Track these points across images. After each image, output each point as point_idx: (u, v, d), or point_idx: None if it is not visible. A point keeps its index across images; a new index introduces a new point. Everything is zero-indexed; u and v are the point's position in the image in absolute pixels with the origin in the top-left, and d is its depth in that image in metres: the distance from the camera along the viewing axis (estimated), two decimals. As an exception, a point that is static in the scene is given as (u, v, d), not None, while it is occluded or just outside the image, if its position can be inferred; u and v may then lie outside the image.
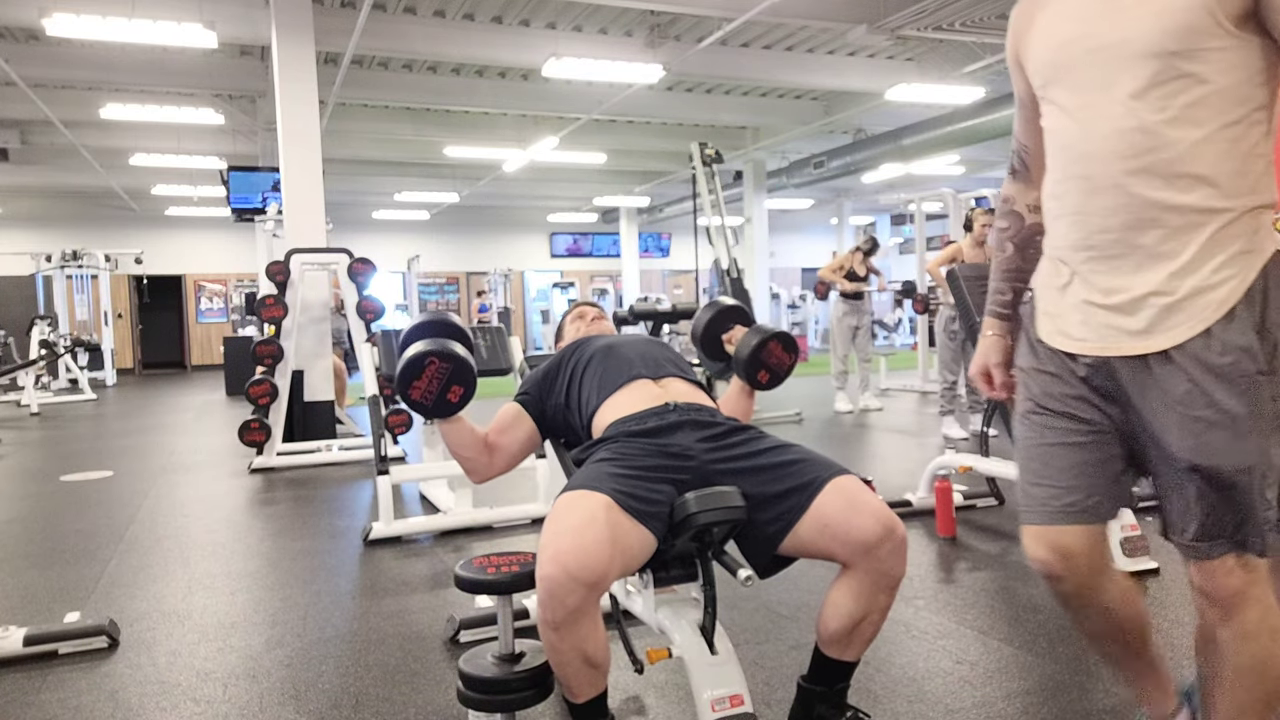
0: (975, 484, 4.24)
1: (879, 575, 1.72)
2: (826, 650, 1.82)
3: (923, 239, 10.23)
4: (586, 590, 1.56)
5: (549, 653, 1.65)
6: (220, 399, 11.36)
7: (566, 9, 8.34)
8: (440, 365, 1.89)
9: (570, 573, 1.54)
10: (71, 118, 10.39)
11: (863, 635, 1.78)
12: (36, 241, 15.63)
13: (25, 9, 6.87)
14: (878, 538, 1.70)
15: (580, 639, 1.60)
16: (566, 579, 1.54)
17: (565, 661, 1.64)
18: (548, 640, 1.62)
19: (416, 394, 1.89)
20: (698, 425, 1.91)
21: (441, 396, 1.91)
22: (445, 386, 1.90)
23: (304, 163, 6.70)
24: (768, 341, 2.24)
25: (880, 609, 1.76)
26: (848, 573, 1.75)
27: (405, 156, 13.83)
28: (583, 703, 1.70)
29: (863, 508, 1.73)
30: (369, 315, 5.91)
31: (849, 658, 1.81)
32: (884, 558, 1.71)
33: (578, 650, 1.62)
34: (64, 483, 5.57)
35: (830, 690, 1.84)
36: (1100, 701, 2.14)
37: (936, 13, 7.61)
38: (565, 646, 1.61)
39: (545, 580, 1.56)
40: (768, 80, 10.51)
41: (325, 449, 6.22)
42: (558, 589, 1.55)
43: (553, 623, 1.58)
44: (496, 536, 3.99)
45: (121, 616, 2.94)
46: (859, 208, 20.29)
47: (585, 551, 1.56)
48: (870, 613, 1.75)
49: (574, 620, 1.58)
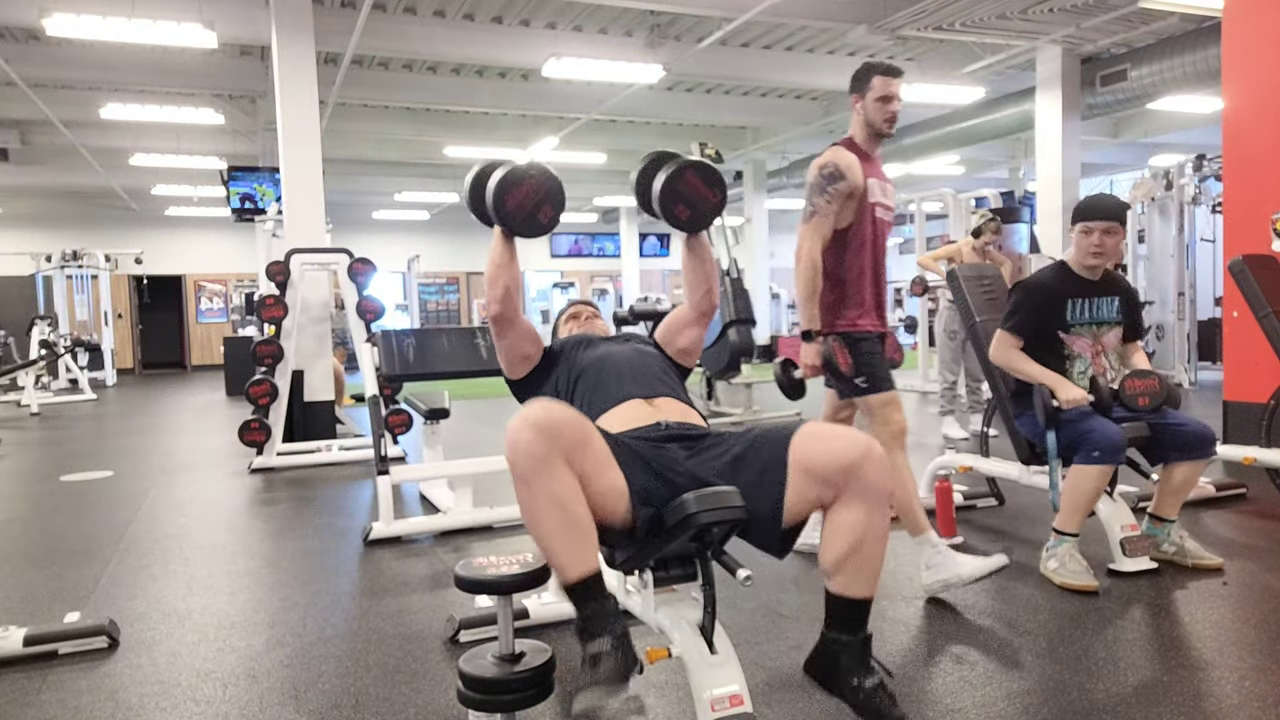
0: (975, 484, 4.24)
1: (866, 493, 1.76)
2: (834, 587, 1.83)
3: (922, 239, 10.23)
4: (550, 440, 1.61)
5: (528, 519, 1.66)
6: (220, 399, 11.36)
7: (566, 9, 8.34)
8: (539, 182, 1.99)
9: (535, 425, 1.61)
10: (71, 118, 10.39)
11: (866, 562, 1.79)
12: (36, 241, 15.63)
13: (25, 9, 6.86)
14: (857, 455, 1.75)
15: (552, 484, 1.62)
16: (531, 431, 1.61)
17: (543, 518, 1.63)
18: (522, 501, 1.65)
19: (511, 204, 1.98)
20: (686, 440, 1.95)
21: (533, 214, 2.01)
22: (538, 204, 2.00)
23: (304, 163, 6.69)
24: (684, 170, 2.08)
25: (876, 529, 1.78)
26: (838, 502, 1.79)
27: (405, 156, 13.83)
28: (575, 580, 1.65)
29: (834, 438, 1.80)
30: (369, 315, 5.91)
31: (858, 592, 1.82)
32: (867, 474, 1.75)
33: (552, 499, 1.62)
34: (64, 483, 5.57)
35: (855, 640, 1.84)
36: (1100, 701, 2.14)
37: (936, 13, 7.60)
38: (540, 497, 1.62)
39: (512, 435, 1.62)
40: (768, 80, 10.51)
41: (325, 449, 6.22)
42: (522, 441, 1.61)
43: (523, 476, 1.62)
44: (496, 537, 3.99)
45: (121, 616, 2.94)
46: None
47: (551, 415, 1.64)
48: (867, 533, 1.77)
49: (543, 467, 1.61)
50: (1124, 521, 3.12)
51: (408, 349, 4.15)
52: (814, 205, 2.93)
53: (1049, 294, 3.20)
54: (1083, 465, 2.97)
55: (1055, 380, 3.08)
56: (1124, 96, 8.89)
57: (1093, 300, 3.21)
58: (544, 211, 2.01)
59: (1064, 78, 9.06)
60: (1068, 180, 9.32)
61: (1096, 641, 2.51)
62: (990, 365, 3.45)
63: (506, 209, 1.99)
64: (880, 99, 2.96)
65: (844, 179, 2.91)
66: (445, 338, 4.30)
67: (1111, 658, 2.39)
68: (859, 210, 2.96)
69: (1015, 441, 3.51)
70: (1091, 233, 3.13)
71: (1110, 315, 3.24)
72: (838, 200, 2.92)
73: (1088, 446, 2.95)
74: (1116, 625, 2.64)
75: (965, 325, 3.88)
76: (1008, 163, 15.38)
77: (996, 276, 3.95)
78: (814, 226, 2.93)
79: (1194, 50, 8.03)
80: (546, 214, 2.02)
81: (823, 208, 2.92)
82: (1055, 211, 9.30)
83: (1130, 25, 8.21)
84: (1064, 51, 8.93)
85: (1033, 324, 3.18)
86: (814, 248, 2.92)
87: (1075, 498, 3.00)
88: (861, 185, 2.94)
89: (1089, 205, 3.19)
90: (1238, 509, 4.02)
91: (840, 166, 2.91)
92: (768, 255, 15.66)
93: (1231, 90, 5.17)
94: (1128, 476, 3.34)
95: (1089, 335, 3.22)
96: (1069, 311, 3.19)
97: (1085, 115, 9.35)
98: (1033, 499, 4.16)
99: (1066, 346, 3.20)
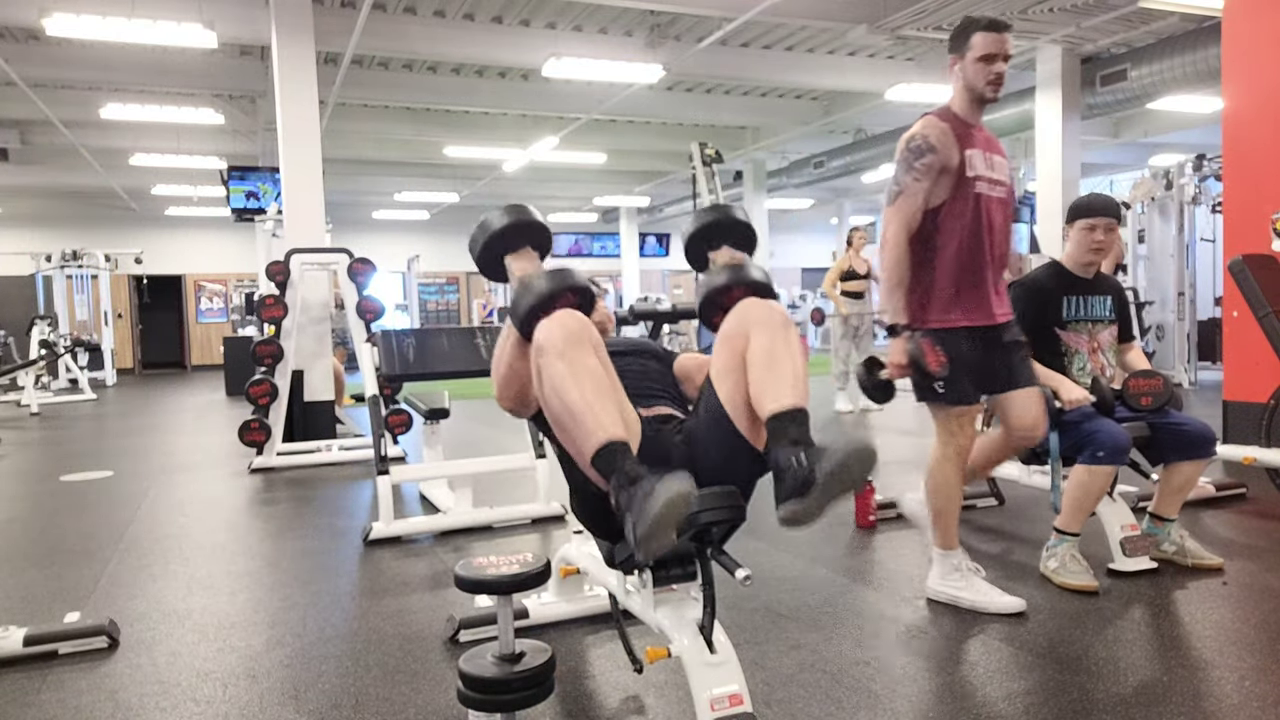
0: (975, 484, 4.23)
1: (755, 323, 1.81)
2: (768, 412, 1.70)
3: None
4: (583, 326, 1.73)
5: (560, 385, 1.68)
6: (220, 399, 11.36)
7: (566, 9, 8.34)
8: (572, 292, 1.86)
9: (565, 322, 1.73)
10: (71, 118, 10.39)
11: (782, 372, 1.72)
12: (36, 241, 15.63)
13: (25, 9, 6.86)
14: (736, 318, 1.85)
15: (587, 357, 1.70)
16: (566, 318, 1.74)
17: (582, 381, 1.67)
18: (558, 373, 1.68)
19: (541, 316, 1.81)
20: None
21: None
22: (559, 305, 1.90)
23: (304, 163, 6.69)
24: (732, 288, 1.93)
25: (779, 341, 1.77)
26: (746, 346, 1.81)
27: (405, 156, 13.83)
28: (615, 438, 1.61)
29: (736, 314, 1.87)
30: (369, 315, 5.91)
31: (787, 402, 1.69)
32: (748, 312, 1.84)
33: (588, 367, 1.69)
34: (64, 483, 5.57)
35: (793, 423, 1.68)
36: (1100, 701, 2.14)
37: (936, 13, 7.60)
38: (576, 364, 1.68)
39: (545, 328, 1.72)
40: (768, 80, 10.51)
41: (325, 449, 6.22)
42: (558, 324, 1.72)
43: (559, 350, 1.69)
44: (496, 536, 3.99)
45: (121, 616, 2.94)
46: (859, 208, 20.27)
47: (579, 319, 1.75)
48: (771, 347, 1.76)
49: (579, 344, 1.70)
50: (1124, 521, 3.12)
51: (408, 349, 4.15)
52: (899, 184, 2.65)
53: (1045, 291, 3.22)
54: (1087, 465, 2.97)
55: (1057, 380, 3.08)
56: (1124, 96, 8.89)
57: (1087, 298, 3.24)
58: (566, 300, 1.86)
59: (1064, 78, 9.06)
60: (1068, 180, 9.32)
61: (1096, 641, 2.51)
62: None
63: (532, 322, 1.79)
64: (982, 59, 2.64)
65: (933, 152, 2.60)
66: (445, 338, 4.30)
67: (1111, 658, 2.39)
68: (955, 187, 2.63)
69: (1015, 441, 3.50)
70: (1095, 229, 3.15)
71: (1104, 313, 3.27)
72: (927, 177, 2.61)
73: (1093, 447, 2.95)
74: (1116, 625, 2.64)
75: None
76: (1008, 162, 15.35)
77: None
78: (899, 208, 2.64)
79: (1194, 50, 8.02)
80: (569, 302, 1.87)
81: (909, 186, 2.62)
82: (1055, 211, 9.29)
83: (1130, 25, 8.21)
84: (1064, 51, 8.92)
85: (1031, 321, 3.19)
86: (899, 232, 2.63)
87: (1078, 498, 3.00)
88: (956, 158, 2.62)
89: (1088, 203, 3.21)
90: (1238, 509, 4.02)
91: (930, 138, 2.62)
92: (768, 255, 15.66)
93: (1231, 90, 5.17)
94: (1128, 476, 3.34)
95: (1085, 333, 3.23)
96: (1065, 309, 3.21)
97: (1085, 115, 9.34)
98: (1033, 499, 4.16)
99: (1064, 343, 3.21)
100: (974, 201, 2.66)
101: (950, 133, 2.64)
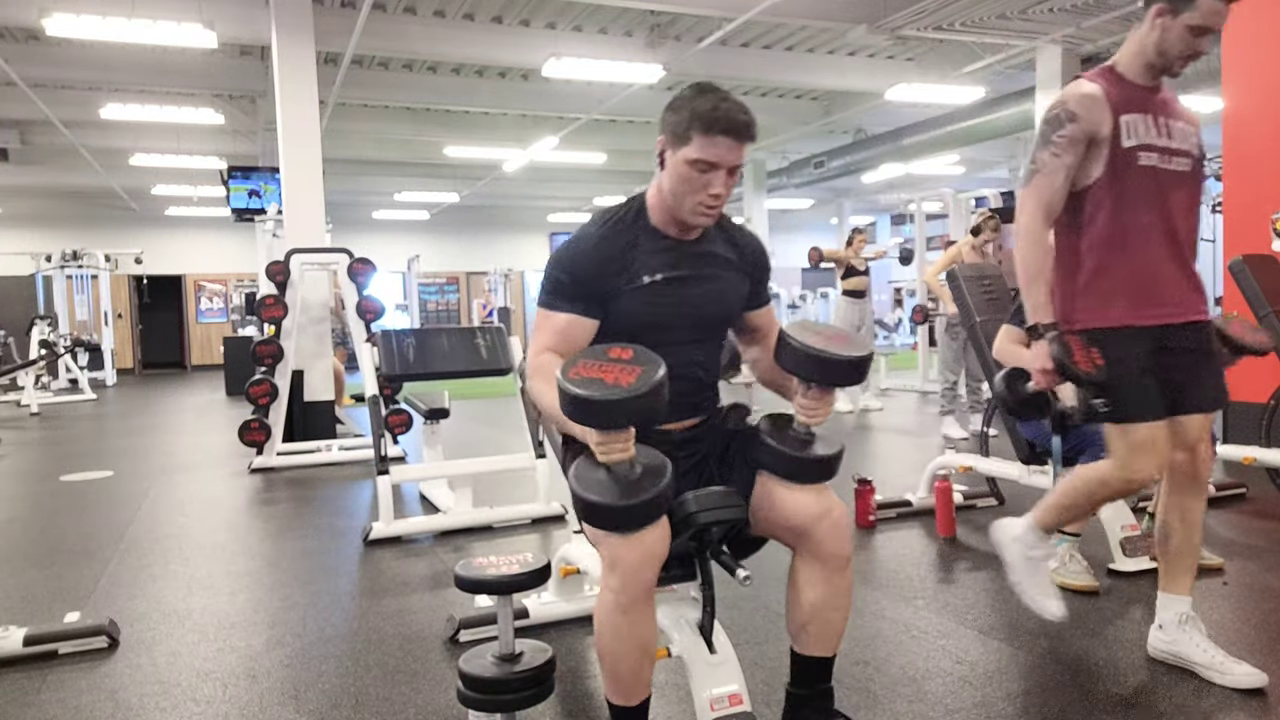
0: (975, 484, 4.23)
1: (820, 557, 1.74)
2: (798, 647, 1.82)
3: (923, 239, 10.23)
4: (657, 563, 1.61)
5: (611, 644, 1.63)
6: (220, 399, 11.36)
7: (566, 9, 8.34)
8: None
9: (648, 548, 1.59)
10: (71, 118, 10.39)
11: (829, 625, 1.78)
12: (36, 241, 15.62)
13: (25, 9, 6.86)
14: (809, 519, 1.73)
15: (645, 621, 1.63)
16: (645, 555, 1.58)
17: (626, 651, 1.63)
18: (614, 628, 1.61)
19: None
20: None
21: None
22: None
23: (304, 163, 6.69)
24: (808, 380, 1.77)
25: (838, 593, 1.76)
26: (797, 558, 1.79)
27: (405, 156, 13.83)
28: (636, 705, 1.69)
29: (798, 486, 1.76)
30: (369, 315, 5.91)
31: (820, 651, 1.80)
32: (819, 542, 1.73)
33: (640, 637, 1.63)
34: (64, 483, 5.57)
35: (814, 693, 1.83)
36: (1100, 701, 2.14)
37: (936, 13, 7.61)
38: (631, 629, 1.62)
39: (623, 560, 1.58)
40: (767, 80, 10.51)
41: (325, 449, 6.22)
42: (637, 566, 1.58)
43: (626, 605, 1.59)
44: (496, 536, 3.99)
45: (121, 616, 2.94)
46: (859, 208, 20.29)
47: (650, 553, 1.61)
48: (828, 598, 1.75)
49: (644, 599, 1.61)
50: (1124, 521, 3.12)
51: (408, 349, 4.15)
52: (1035, 162, 2.23)
53: None
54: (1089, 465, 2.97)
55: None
56: (1124, 96, 8.89)
57: None
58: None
59: (1064, 78, 9.04)
60: (1068, 180, 9.31)
61: (1096, 641, 2.51)
62: (990, 365, 3.44)
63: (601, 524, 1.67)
64: (1196, 29, 2.12)
65: (1074, 121, 2.17)
66: (445, 338, 4.30)
67: (1111, 658, 2.39)
68: (1110, 160, 2.16)
69: (1015, 441, 3.50)
70: None
71: None
72: (1069, 151, 2.17)
73: (1096, 448, 2.95)
74: (1116, 625, 2.64)
75: (965, 325, 3.88)
76: (1008, 163, 15.38)
77: (997, 276, 3.95)
78: (1035, 188, 2.21)
79: (1194, 50, 8.03)
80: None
81: (1046, 164, 2.19)
82: (1055, 211, 9.29)
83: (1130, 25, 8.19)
84: (1064, 51, 8.92)
85: None
86: (1034, 217, 2.21)
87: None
88: (1108, 126, 2.15)
89: None
90: (1238, 509, 4.02)
91: (1072, 105, 2.18)
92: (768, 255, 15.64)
93: (1231, 90, 5.17)
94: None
95: None
96: None
97: (1085, 115, 9.34)
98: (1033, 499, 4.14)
99: None
100: (1139, 176, 2.17)
101: (1101, 97, 2.18)
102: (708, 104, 1.72)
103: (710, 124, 1.71)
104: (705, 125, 1.71)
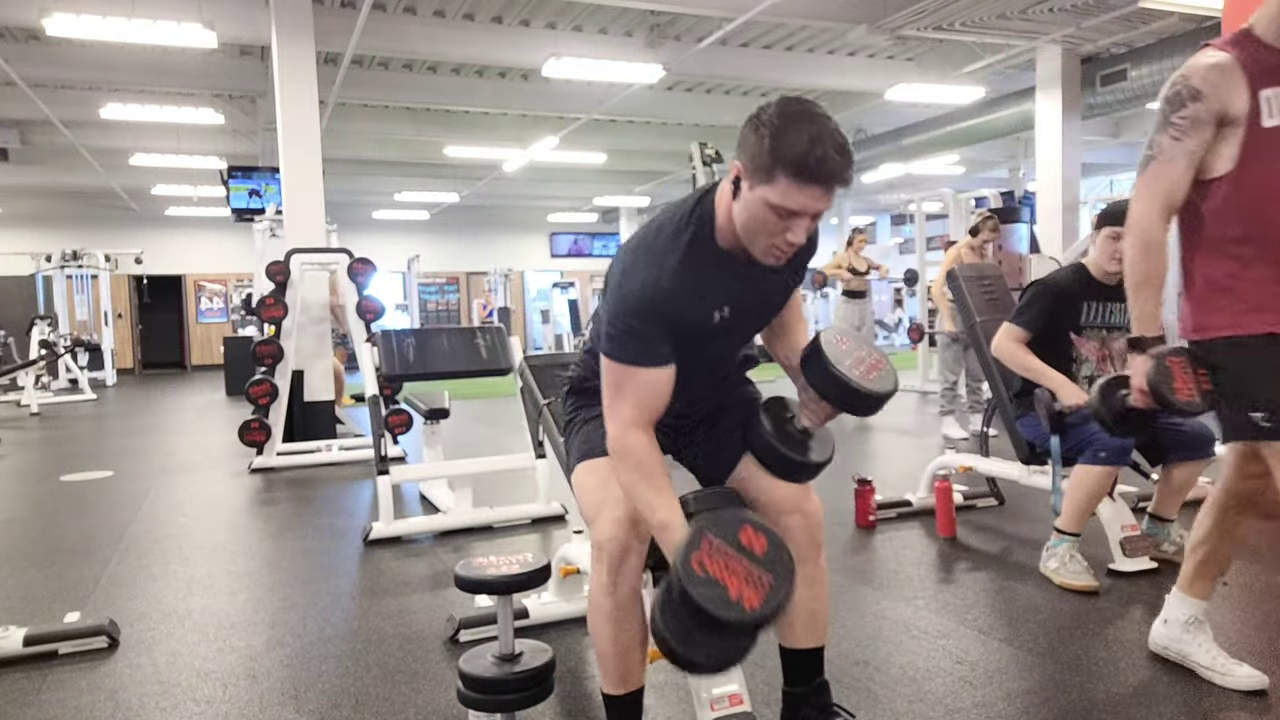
0: (975, 484, 4.23)
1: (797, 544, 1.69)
2: (786, 642, 1.83)
3: (922, 239, 10.23)
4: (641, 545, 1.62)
5: (602, 628, 1.65)
6: (220, 399, 11.36)
7: (566, 9, 8.34)
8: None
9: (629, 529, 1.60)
10: (71, 118, 10.39)
11: (813, 615, 1.79)
12: (36, 241, 15.62)
13: (25, 9, 6.86)
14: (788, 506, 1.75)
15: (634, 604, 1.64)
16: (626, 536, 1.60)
17: (617, 635, 1.65)
18: (603, 611, 1.63)
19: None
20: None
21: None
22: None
23: (304, 163, 6.70)
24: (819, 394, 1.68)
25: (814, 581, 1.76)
26: None
27: (405, 156, 13.83)
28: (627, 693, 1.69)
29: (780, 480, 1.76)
30: (369, 315, 5.91)
31: (809, 643, 1.81)
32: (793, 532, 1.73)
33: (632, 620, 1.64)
34: (64, 483, 5.57)
35: (810, 689, 1.83)
36: (1100, 701, 2.14)
37: (936, 13, 7.61)
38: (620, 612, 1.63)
39: (606, 542, 1.60)
40: (768, 80, 10.50)
41: (325, 449, 6.22)
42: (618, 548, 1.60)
43: (611, 585, 1.61)
44: (496, 537, 3.99)
45: (121, 616, 2.94)
46: (859, 208, 20.28)
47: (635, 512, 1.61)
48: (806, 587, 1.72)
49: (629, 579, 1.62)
50: (1124, 521, 3.12)
51: (408, 349, 4.15)
52: (1152, 147, 1.92)
53: (1066, 294, 3.16)
54: (1088, 466, 2.97)
55: (1059, 382, 3.07)
56: (1124, 96, 8.89)
57: (1107, 305, 3.18)
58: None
59: (1064, 78, 9.06)
60: (1068, 180, 9.32)
61: (1096, 641, 2.51)
62: (990, 365, 3.45)
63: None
64: None
65: (1198, 100, 1.84)
66: (445, 338, 4.31)
67: (1111, 658, 2.39)
68: (1245, 142, 1.83)
69: (1015, 441, 3.51)
70: (1119, 238, 2.96)
71: (1122, 321, 3.20)
72: (1192, 134, 1.85)
73: (1094, 448, 2.95)
74: (1116, 625, 2.64)
75: (965, 325, 3.88)
76: (1008, 163, 15.38)
77: (997, 276, 3.95)
78: (1151, 178, 1.91)
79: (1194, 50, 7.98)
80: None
81: (1165, 149, 1.89)
82: (1055, 211, 9.30)
83: (1130, 25, 8.21)
84: (1064, 51, 8.93)
85: (1045, 322, 3.16)
86: (1149, 211, 1.92)
87: (1079, 498, 3.00)
88: (1242, 103, 1.82)
89: (1117, 211, 3.03)
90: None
91: (1195, 79, 1.85)
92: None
93: None
94: (1128, 476, 3.34)
95: (1098, 339, 3.21)
96: (1084, 314, 3.17)
97: (1085, 115, 9.34)
98: (1033, 499, 4.16)
99: (1075, 349, 3.19)
100: None
101: (1234, 67, 1.83)
102: (802, 142, 1.43)
103: (801, 171, 1.44)
104: (796, 171, 1.44)
